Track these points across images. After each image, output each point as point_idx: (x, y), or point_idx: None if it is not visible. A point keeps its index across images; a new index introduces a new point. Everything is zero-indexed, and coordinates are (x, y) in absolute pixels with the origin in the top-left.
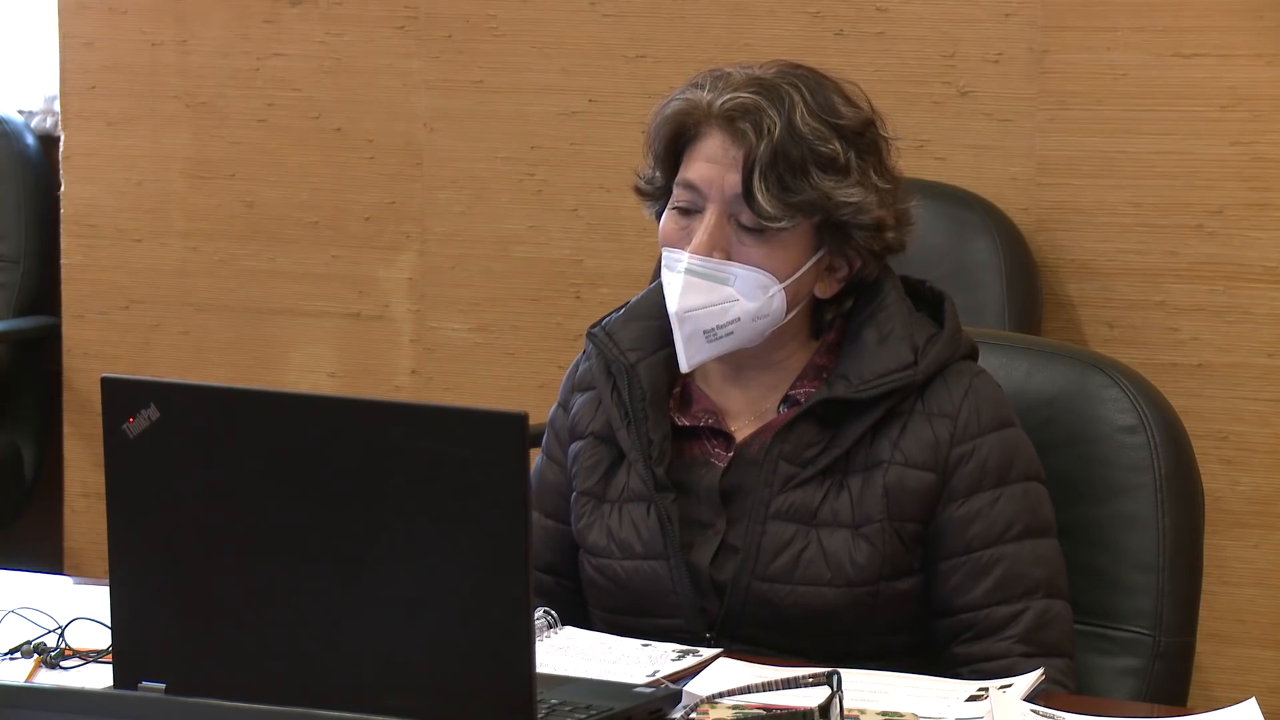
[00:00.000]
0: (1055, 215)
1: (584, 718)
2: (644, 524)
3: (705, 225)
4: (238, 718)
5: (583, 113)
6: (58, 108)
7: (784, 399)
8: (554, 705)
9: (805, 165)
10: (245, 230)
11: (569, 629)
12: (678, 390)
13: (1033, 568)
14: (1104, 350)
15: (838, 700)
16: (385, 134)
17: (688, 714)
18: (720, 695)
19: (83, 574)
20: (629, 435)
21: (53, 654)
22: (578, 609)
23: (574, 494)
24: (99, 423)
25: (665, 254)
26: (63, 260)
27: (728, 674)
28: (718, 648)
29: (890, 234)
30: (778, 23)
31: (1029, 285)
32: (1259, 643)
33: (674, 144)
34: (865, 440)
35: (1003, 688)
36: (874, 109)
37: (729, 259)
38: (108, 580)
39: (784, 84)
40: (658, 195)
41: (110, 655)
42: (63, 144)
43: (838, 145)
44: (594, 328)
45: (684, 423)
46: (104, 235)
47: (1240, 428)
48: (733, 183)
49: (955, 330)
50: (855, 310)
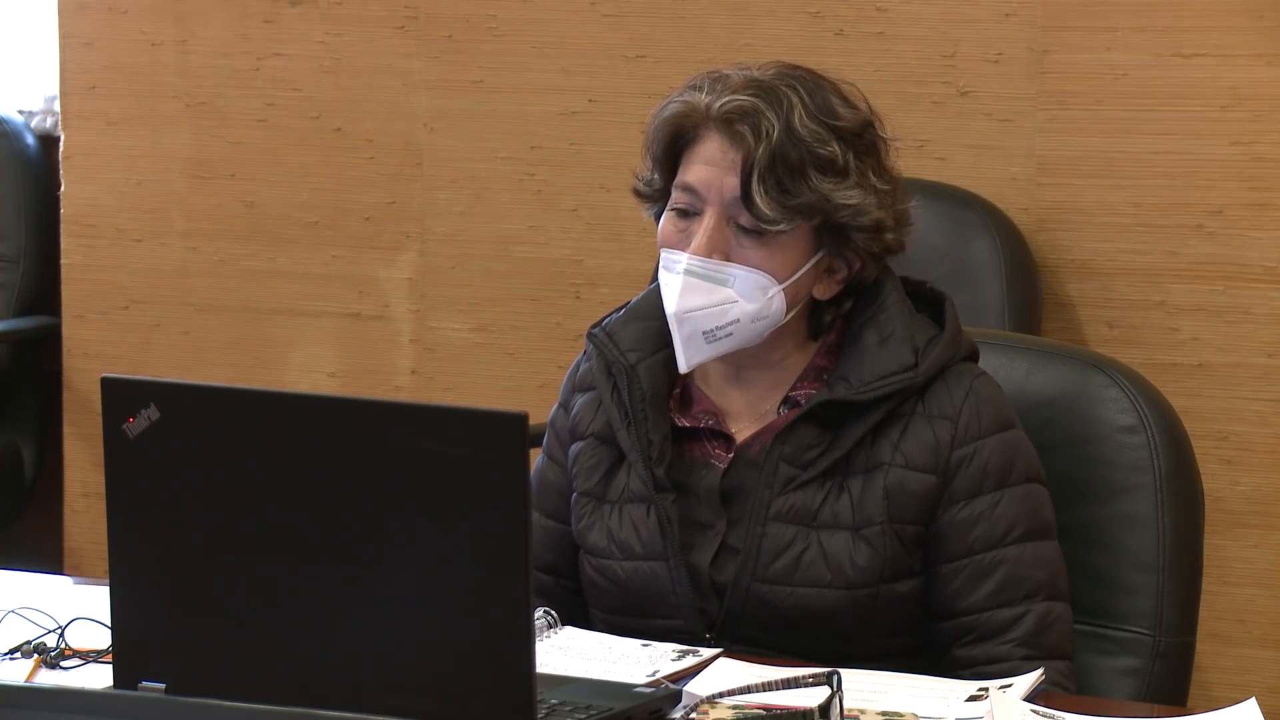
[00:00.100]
0: (1055, 215)
1: (584, 718)
2: (644, 525)
3: (704, 228)
4: (238, 718)
5: (583, 113)
6: (58, 108)
7: (784, 400)
8: (554, 705)
9: (804, 168)
10: (245, 230)
11: (569, 629)
12: (678, 391)
13: (1034, 570)
14: (1104, 350)
15: (838, 700)
16: (385, 134)
17: (688, 714)
18: (720, 695)
19: (83, 574)
20: (629, 436)
21: (53, 654)
22: (578, 609)
23: (574, 494)
24: (99, 423)
25: (664, 255)
26: (63, 260)
27: (728, 674)
28: (718, 648)
29: (889, 235)
30: (778, 23)
31: (1029, 285)
32: (1259, 643)
33: (672, 146)
34: (866, 442)
35: (1003, 688)
36: (872, 110)
37: (728, 260)
38: (108, 580)
39: (782, 86)
40: (656, 197)
41: (110, 655)
42: (63, 144)
43: (836, 147)
44: (594, 328)
45: (684, 423)
46: (104, 235)
47: (1240, 428)
48: (731, 185)
49: (956, 332)
50: (855, 311)
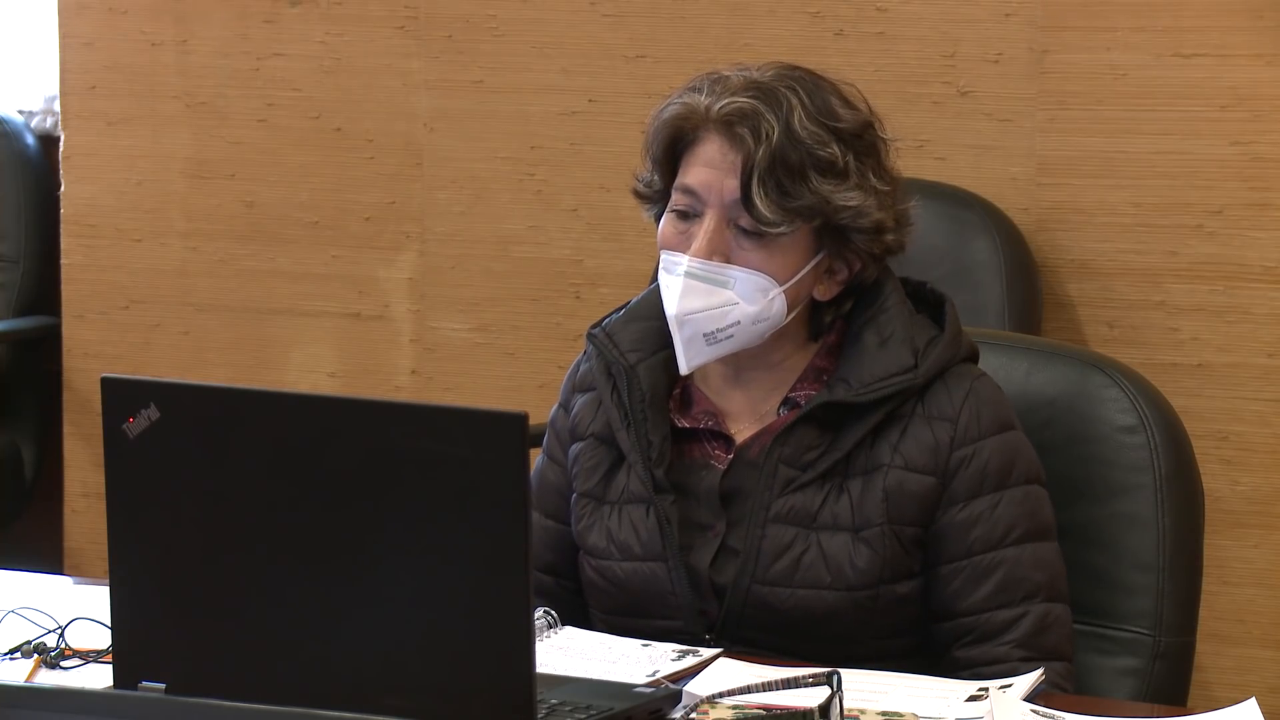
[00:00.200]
0: (1055, 215)
1: (584, 718)
2: (643, 526)
3: (705, 230)
4: (238, 718)
5: (583, 113)
6: (58, 108)
7: (784, 401)
8: (554, 705)
9: (804, 170)
10: (245, 230)
11: (569, 629)
12: (677, 391)
13: (1033, 571)
14: (1104, 350)
15: (838, 700)
16: (385, 134)
17: (688, 714)
18: (720, 695)
19: (83, 574)
20: (629, 437)
21: (53, 654)
22: (578, 609)
23: (574, 495)
24: (99, 423)
25: (664, 257)
26: (63, 260)
27: (728, 674)
28: (718, 649)
29: (890, 236)
30: (778, 23)
31: (1029, 285)
32: (1259, 643)
33: (672, 148)
34: (865, 444)
35: (1003, 688)
36: (872, 110)
37: (728, 263)
38: (108, 580)
39: (782, 87)
40: (656, 198)
41: (110, 655)
42: (63, 144)
43: (836, 149)
44: (594, 328)
45: (684, 424)
46: (104, 235)
47: (1240, 428)
48: (731, 188)
49: (956, 333)
50: (855, 312)
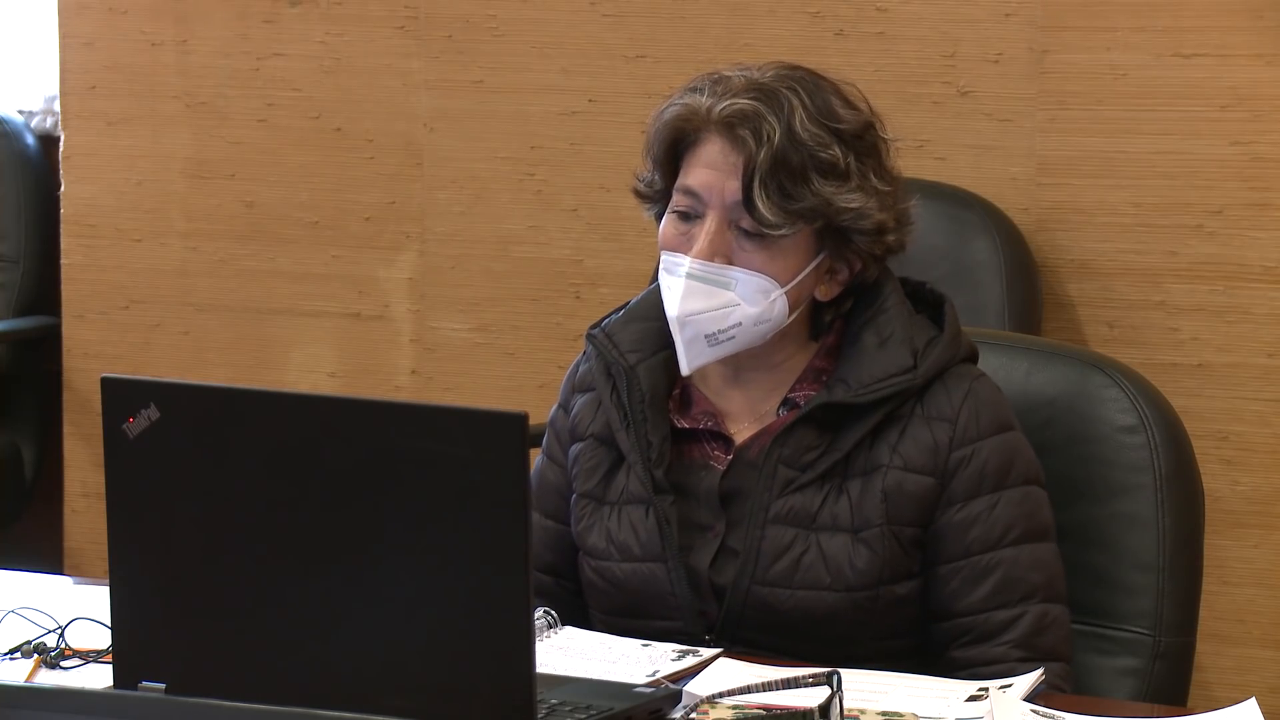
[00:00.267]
0: (1055, 215)
1: (584, 718)
2: (643, 526)
3: (706, 231)
4: (238, 718)
5: (583, 113)
6: (58, 108)
7: (783, 401)
8: (554, 705)
9: (805, 171)
10: (245, 230)
11: (569, 629)
12: (677, 392)
13: (1031, 572)
14: (1104, 350)
15: (838, 700)
16: (385, 134)
17: (688, 714)
18: (720, 695)
19: (83, 574)
20: (628, 437)
21: (53, 654)
22: (578, 609)
23: (574, 496)
24: (99, 423)
25: (665, 258)
26: (63, 260)
27: (728, 674)
28: (717, 649)
29: (891, 236)
30: (778, 23)
31: (1029, 285)
32: (1259, 643)
33: (673, 149)
34: (864, 444)
35: (1002, 688)
36: (873, 110)
37: (730, 264)
38: (108, 580)
39: (783, 88)
40: (657, 198)
41: (110, 655)
42: (63, 144)
43: (837, 150)
44: (593, 329)
45: (683, 425)
46: (104, 235)
47: (1240, 428)
48: (733, 189)
49: (955, 333)
50: (855, 312)
